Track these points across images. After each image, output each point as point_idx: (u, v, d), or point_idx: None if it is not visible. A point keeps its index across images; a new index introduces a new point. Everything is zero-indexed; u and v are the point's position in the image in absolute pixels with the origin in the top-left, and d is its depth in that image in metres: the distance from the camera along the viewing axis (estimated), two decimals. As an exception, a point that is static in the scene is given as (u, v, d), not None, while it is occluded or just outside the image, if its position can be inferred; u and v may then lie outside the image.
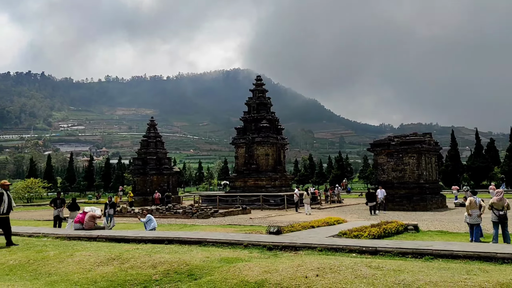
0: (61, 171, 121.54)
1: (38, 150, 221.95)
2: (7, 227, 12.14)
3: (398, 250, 9.97)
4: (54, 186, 74.52)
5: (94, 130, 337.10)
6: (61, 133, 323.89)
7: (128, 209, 31.10)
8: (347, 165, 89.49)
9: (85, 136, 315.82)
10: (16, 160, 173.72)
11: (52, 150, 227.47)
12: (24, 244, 11.95)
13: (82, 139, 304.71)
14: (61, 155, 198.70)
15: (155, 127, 49.02)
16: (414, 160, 30.51)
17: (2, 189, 12.17)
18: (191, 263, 8.37)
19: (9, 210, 12.20)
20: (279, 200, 33.93)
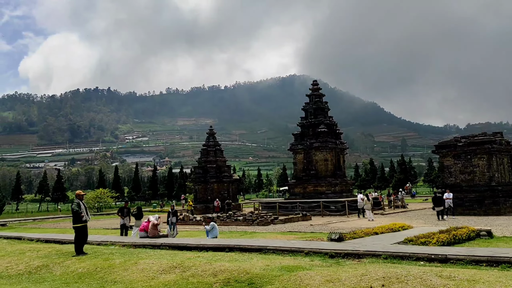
0: (128, 181, 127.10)
1: (106, 162, 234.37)
2: (85, 234, 12.77)
3: (471, 258, 9.31)
4: (121, 196, 77.94)
5: (157, 141, 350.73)
6: (127, 144, 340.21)
7: (190, 217, 31.77)
8: (410, 169, 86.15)
9: (148, 147, 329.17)
10: (87, 171, 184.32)
11: (119, 161, 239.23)
12: (93, 252, 12.47)
13: (146, 150, 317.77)
14: (127, 166, 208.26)
15: (214, 136, 49.94)
16: (484, 161, 28.70)
17: (78, 199, 12.88)
18: (251, 271, 8.29)
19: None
20: (340, 206, 33.20)
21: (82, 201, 13.02)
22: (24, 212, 68.47)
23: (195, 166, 51.02)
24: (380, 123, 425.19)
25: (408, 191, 61.08)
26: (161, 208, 59.34)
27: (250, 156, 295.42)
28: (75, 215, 12.67)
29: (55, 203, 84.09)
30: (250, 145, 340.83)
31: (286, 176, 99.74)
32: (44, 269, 10.80)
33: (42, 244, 16.28)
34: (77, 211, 12.56)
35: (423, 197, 57.77)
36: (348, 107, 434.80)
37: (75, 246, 12.50)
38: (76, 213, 12.58)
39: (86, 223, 12.79)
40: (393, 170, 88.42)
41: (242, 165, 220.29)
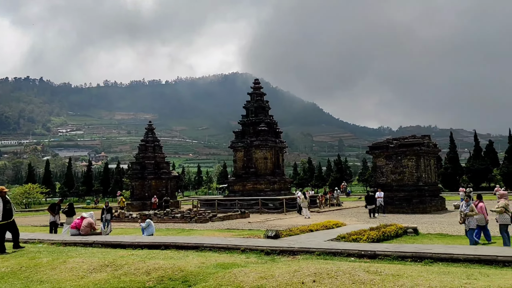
0: (60, 176, 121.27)
1: (36, 156, 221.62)
2: (4, 233, 11.99)
3: (398, 254, 9.82)
4: (52, 192, 74.32)
5: (93, 135, 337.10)
6: (60, 138, 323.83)
7: (126, 214, 30.89)
8: (346, 168, 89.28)
9: (84, 141, 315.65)
10: (15, 165, 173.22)
11: (50, 156, 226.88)
12: (18, 251, 11.77)
13: (81, 144, 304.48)
14: (60, 160, 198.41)
15: (153, 131, 48.85)
16: (413, 162, 30.37)
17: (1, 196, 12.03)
18: (186, 269, 8.20)
19: (7, 216, 12.01)
20: (278, 203, 33.73)
21: (4, 198, 12.16)
22: None
23: (133, 161, 49.63)
24: (319, 124, 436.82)
25: (343, 190, 63.27)
26: (96, 205, 57.15)
27: (191, 153, 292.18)
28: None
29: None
30: (191, 142, 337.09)
31: (227, 174, 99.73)
32: (-39, 269, 10.01)
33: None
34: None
35: (358, 195, 60.12)
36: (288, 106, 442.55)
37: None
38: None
39: (7, 219, 11.94)
40: (330, 169, 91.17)
41: (182, 161, 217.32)
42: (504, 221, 13.04)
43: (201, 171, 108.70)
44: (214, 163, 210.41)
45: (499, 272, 7.22)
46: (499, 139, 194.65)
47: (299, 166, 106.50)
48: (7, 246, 12.03)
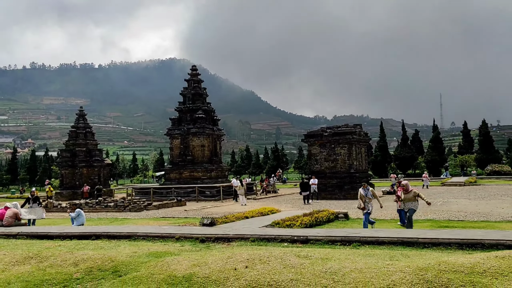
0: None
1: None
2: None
3: (328, 238, 10.19)
4: (-28, 181, 69.04)
5: (18, 121, 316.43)
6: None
7: (54, 204, 29.45)
8: (282, 156, 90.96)
9: (8, 127, 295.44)
10: None
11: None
12: None
13: (5, 130, 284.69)
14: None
15: (85, 117, 46.70)
16: (345, 150, 31.55)
17: None
18: (117, 259, 7.99)
19: None
20: (215, 191, 33.73)
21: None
22: None
23: (63, 149, 47.20)
24: (257, 112, 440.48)
25: (278, 177, 64.46)
26: (21, 194, 54.00)
27: (126, 140, 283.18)
28: None
29: None
30: (126, 129, 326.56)
31: (163, 161, 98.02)
32: None
33: None
34: None
35: (294, 182, 61.58)
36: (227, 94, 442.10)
37: None
38: None
39: None
40: (267, 157, 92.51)
41: (116, 149, 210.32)
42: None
43: (136, 159, 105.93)
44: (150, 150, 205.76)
45: (419, 253, 7.73)
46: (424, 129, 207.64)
47: (237, 154, 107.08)
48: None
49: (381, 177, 61.73)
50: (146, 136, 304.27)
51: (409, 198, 13.74)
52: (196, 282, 6.33)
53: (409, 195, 13.75)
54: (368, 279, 5.85)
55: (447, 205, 22.55)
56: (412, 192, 13.72)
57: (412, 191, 13.79)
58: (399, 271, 6.02)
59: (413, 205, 13.77)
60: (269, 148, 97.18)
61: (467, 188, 36.78)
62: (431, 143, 65.68)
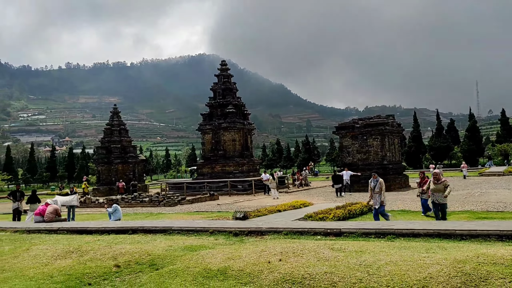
0: (22, 162, 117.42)
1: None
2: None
3: (362, 231, 10.09)
4: (14, 178, 72.08)
5: (56, 119, 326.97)
6: (21, 123, 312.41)
7: (92, 199, 30.37)
8: (314, 149, 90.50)
9: (46, 126, 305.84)
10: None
11: (11, 141, 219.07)
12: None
13: (43, 129, 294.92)
14: (22, 146, 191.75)
15: (119, 115, 47.84)
16: (378, 142, 31.05)
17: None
18: (153, 252, 8.18)
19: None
20: (246, 185, 33.91)
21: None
22: None
23: (98, 146, 48.57)
24: (287, 105, 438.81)
25: (310, 170, 64.18)
26: (61, 191, 55.86)
27: (158, 136, 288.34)
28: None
29: None
30: (158, 125, 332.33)
31: (195, 156, 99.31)
32: None
33: None
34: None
35: (325, 175, 61.14)
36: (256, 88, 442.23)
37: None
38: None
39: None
40: (298, 150, 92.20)
41: (149, 145, 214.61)
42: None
43: (169, 154, 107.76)
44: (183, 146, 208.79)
45: (456, 245, 7.55)
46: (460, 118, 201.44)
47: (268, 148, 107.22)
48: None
49: (415, 168, 60.47)
50: (178, 132, 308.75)
51: (439, 188, 12.82)
52: (231, 275, 6.42)
53: (440, 186, 12.83)
54: (404, 272, 5.77)
55: (486, 195, 21.88)
56: (443, 182, 12.86)
57: (443, 181, 12.93)
58: (436, 263, 5.92)
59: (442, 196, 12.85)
60: (300, 141, 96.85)
61: (506, 178, 35.55)
62: (468, 132, 63.78)
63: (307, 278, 5.88)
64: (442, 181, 12.89)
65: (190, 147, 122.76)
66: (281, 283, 5.89)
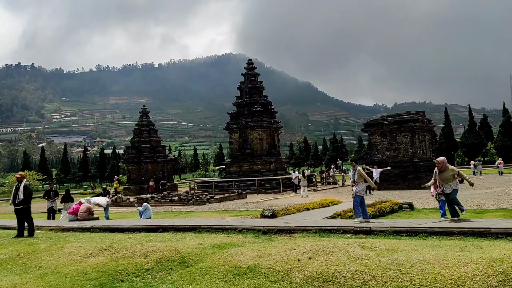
0: (56, 162, 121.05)
1: (31, 143, 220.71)
2: (25, 217, 12.36)
3: (393, 229, 9.92)
4: (49, 178, 74.26)
5: (87, 121, 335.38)
6: (54, 124, 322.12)
7: (123, 198, 30.98)
8: (342, 147, 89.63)
9: (78, 127, 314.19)
10: (10, 153, 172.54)
11: (46, 142, 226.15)
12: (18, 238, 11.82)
13: (76, 130, 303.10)
14: (55, 147, 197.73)
15: (148, 115, 48.65)
16: (407, 138, 30.48)
17: (18, 181, 12.57)
18: (184, 250, 8.27)
19: (24, 201, 12.31)
20: (274, 183, 33.90)
21: (19, 183, 12.51)
22: None
23: (128, 146, 49.54)
24: (314, 103, 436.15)
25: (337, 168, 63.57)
26: (93, 190, 57.30)
27: (186, 136, 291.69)
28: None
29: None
30: (186, 125, 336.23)
31: (223, 155, 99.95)
32: (-40, 257, 10.07)
33: (-41, 232, 15.15)
34: (13, 193, 12.52)
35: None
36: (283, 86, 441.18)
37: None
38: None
39: (18, 205, 12.25)
40: (326, 148, 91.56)
41: (178, 144, 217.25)
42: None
43: (197, 154, 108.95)
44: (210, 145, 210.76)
45: (492, 244, 7.32)
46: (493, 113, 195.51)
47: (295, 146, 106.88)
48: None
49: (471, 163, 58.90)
50: (205, 131, 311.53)
51: (447, 177, 11.00)
52: (260, 273, 6.42)
53: (446, 174, 11.00)
54: (438, 270, 5.63)
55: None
56: (449, 170, 10.99)
57: (449, 168, 11.07)
58: (471, 262, 5.75)
59: (454, 185, 10.97)
60: (327, 139, 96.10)
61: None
62: (502, 128, 61.77)
63: (338, 277, 5.81)
64: (447, 168, 11.04)
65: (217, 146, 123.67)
66: (311, 281, 5.85)
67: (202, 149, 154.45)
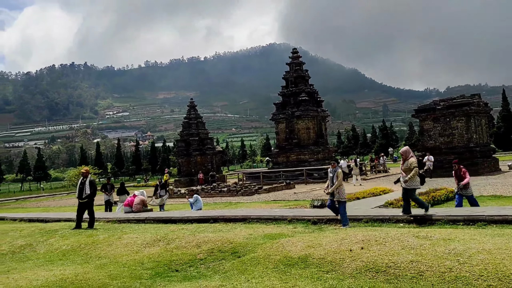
0: (110, 157, 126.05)
1: (87, 138, 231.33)
2: (82, 210, 13.04)
3: (448, 218, 9.58)
4: (104, 172, 77.50)
5: (138, 116, 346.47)
6: (108, 120, 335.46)
7: (174, 190, 31.81)
8: (392, 134, 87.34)
9: (130, 122, 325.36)
10: (68, 149, 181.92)
11: (100, 138, 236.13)
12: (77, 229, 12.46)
13: (127, 125, 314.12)
14: (109, 142, 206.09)
15: (195, 108, 49.50)
16: (462, 123, 29.17)
17: (83, 176, 13.26)
18: (235, 241, 8.39)
19: (90, 195, 13.04)
20: (322, 173, 33.55)
21: (84, 178, 13.22)
22: (6, 192, 67.67)
23: (178, 139, 50.70)
24: (362, 90, 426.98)
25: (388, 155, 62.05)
26: (146, 183, 59.24)
27: (233, 128, 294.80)
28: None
29: (37, 182, 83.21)
30: (233, 116, 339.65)
31: (270, 146, 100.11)
32: (27, 248, 10.75)
33: (25, 224, 16.18)
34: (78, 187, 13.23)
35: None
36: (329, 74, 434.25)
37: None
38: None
39: (84, 199, 12.96)
40: (375, 135, 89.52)
41: (225, 136, 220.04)
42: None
43: (244, 145, 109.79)
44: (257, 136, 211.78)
45: (559, 233, 6.90)
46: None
47: (343, 134, 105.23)
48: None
49: (506, 150, 56.10)
50: (252, 123, 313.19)
51: (405, 170, 9.94)
52: (312, 263, 6.40)
53: (405, 165, 9.92)
54: (499, 260, 5.38)
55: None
56: (409, 162, 9.85)
57: (411, 160, 9.88)
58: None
59: (415, 182, 9.85)
60: (376, 127, 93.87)
61: None
62: None
63: (392, 267, 5.69)
64: (408, 158, 9.96)
65: (264, 137, 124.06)
66: (364, 271, 5.76)
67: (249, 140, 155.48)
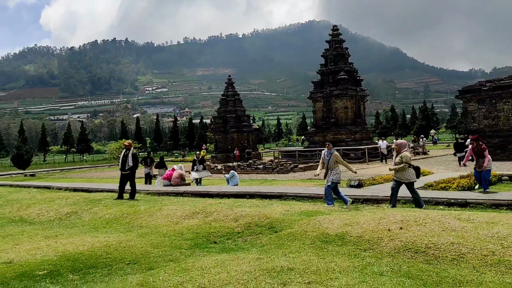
0: (149, 132, 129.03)
1: (127, 113, 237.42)
2: (124, 182, 13.49)
3: (491, 202, 9.33)
4: (143, 146, 79.50)
5: (176, 92, 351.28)
6: (147, 96, 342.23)
7: (211, 166, 32.30)
8: (432, 115, 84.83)
9: (168, 98, 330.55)
10: (109, 123, 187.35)
11: (140, 113, 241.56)
12: (119, 200, 12.94)
13: (166, 101, 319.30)
14: (148, 117, 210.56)
15: (233, 86, 49.62)
16: (509, 106, 27.92)
17: (126, 149, 13.79)
18: (271, 216, 8.49)
19: (133, 168, 13.49)
20: (360, 153, 33.16)
21: (127, 150, 13.72)
22: (51, 163, 70.75)
23: (215, 116, 51.18)
24: (402, 69, 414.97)
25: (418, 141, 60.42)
26: (183, 158, 60.40)
27: (270, 106, 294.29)
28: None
29: (80, 154, 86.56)
30: (269, 95, 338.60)
31: (306, 125, 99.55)
32: (73, 215, 11.30)
33: (70, 193, 16.94)
34: (121, 160, 13.67)
35: (445, 143, 57.09)
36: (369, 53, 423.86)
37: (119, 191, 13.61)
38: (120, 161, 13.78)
39: (126, 171, 13.41)
40: (414, 117, 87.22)
41: (261, 114, 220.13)
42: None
43: (280, 123, 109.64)
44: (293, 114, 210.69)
45: None
46: None
47: (382, 115, 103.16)
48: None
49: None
50: (288, 101, 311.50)
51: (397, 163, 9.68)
52: (349, 240, 6.41)
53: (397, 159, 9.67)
54: (546, 246, 5.21)
55: None
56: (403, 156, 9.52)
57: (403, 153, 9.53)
58: None
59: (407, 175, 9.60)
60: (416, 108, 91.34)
61: None
62: None
63: (432, 248, 5.62)
64: (402, 151, 9.64)
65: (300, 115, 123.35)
66: (403, 251, 5.72)
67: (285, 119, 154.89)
